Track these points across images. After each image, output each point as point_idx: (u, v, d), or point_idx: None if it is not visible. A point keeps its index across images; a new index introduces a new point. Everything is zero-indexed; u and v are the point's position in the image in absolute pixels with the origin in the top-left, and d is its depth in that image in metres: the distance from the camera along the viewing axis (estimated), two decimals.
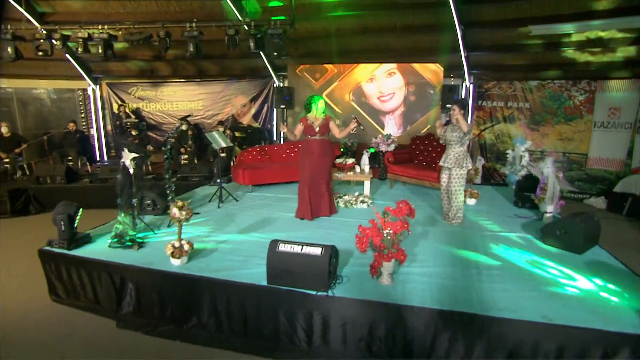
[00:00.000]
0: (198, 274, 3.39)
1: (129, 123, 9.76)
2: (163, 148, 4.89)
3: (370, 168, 7.92)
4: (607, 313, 2.72)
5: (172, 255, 3.49)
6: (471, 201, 5.55)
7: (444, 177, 4.69)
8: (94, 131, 10.53)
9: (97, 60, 9.35)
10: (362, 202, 5.39)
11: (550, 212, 4.67)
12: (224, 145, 5.64)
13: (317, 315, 2.99)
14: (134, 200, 4.32)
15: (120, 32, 6.18)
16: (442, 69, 8.39)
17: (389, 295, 2.98)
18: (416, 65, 8.49)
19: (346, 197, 5.48)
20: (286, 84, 9.45)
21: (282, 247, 3.11)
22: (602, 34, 6.70)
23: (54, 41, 6.27)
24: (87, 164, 8.76)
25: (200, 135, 9.47)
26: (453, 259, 3.67)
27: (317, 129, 4.68)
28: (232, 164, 7.44)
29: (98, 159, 10.43)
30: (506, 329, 2.61)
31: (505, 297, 2.93)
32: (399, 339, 2.83)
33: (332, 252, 3.07)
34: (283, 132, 9.49)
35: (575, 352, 2.49)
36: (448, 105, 8.57)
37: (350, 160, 5.74)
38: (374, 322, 2.88)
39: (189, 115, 5.50)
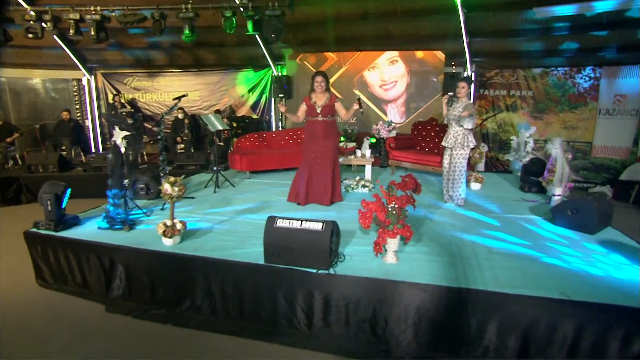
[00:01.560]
0: (191, 253, 3.20)
1: (124, 113, 9.54)
2: (155, 128, 4.68)
3: (371, 155, 7.81)
4: (627, 291, 2.55)
5: (164, 234, 3.30)
6: (476, 186, 5.37)
7: (446, 158, 4.52)
8: (89, 122, 10.32)
9: (92, 48, 9.19)
10: (364, 186, 5.21)
11: (559, 195, 4.49)
12: (220, 127, 5.46)
13: (318, 295, 2.81)
14: (125, 181, 4.13)
15: (113, 14, 5.99)
16: (444, 56, 8.21)
17: (395, 273, 2.81)
18: (418, 53, 8.30)
19: (347, 182, 5.29)
20: (285, 74, 9.26)
21: (281, 223, 2.92)
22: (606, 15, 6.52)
23: (43, 23, 6.06)
24: (82, 154, 8.55)
25: (197, 124, 9.27)
26: (460, 240, 3.49)
27: (320, 109, 4.45)
28: (229, 151, 7.24)
29: (93, 150, 10.22)
30: (521, 306, 2.44)
31: (518, 275, 2.76)
32: (405, 319, 2.64)
33: (333, 228, 2.89)
34: (281, 114, 9.34)
35: (596, 331, 2.31)
36: (450, 93, 8.42)
37: (351, 144, 5.55)
38: (379, 302, 2.70)
39: (184, 95, 5.28)
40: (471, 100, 4.32)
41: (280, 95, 8.85)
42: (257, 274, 2.97)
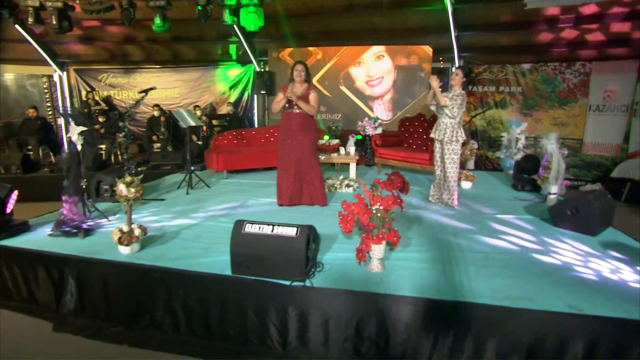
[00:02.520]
0: (151, 263, 2.82)
1: (97, 111, 9.05)
2: (121, 124, 4.27)
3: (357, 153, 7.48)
4: None
5: (120, 241, 2.91)
6: (466, 184, 5.08)
7: (437, 152, 4.21)
8: (61, 121, 9.77)
9: (61, 42, 8.69)
10: (348, 186, 4.87)
11: (555, 193, 4.22)
12: (192, 123, 5.07)
13: (293, 310, 2.45)
14: (82, 181, 3.72)
15: (77, 1, 5.54)
16: (431, 51, 7.93)
17: (380, 284, 2.47)
18: (405, 48, 8.01)
19: (330, 181, 4.95)
20: (267, 70, 8.88)
21: (249, 228, 2.56)
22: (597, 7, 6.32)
23: None
24: (51, 154, 8.03)
25: (175, 122, 8.82)
26: (453, 244, 3.17)
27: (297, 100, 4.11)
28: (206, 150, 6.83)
29: (67, 149, 9.68)
30: (525, 321, 2.12)
31: (519, 284, 2.44)
32: (393, 337, 2.31)
33: (310, 234, 2.54)
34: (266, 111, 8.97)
35: (611, 350, 2.00)
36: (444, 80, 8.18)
37: (335, 141, 5.21)
38: (362, 318, 2.36)
39: (151, 88, 4.88)
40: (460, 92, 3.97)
41: (263, 93, 8.49)
42: (223, 286, 2.61)
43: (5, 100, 9.34)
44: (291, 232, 2.48)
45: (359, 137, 6.95)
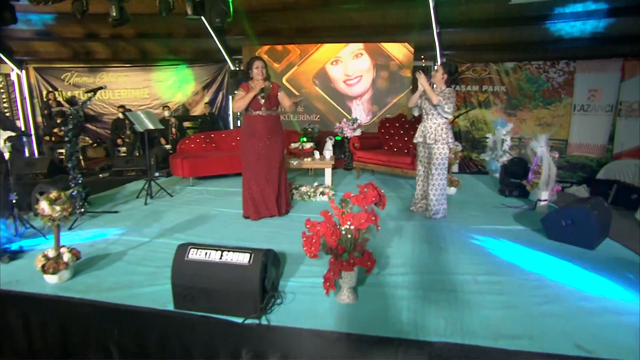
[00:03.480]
0: (81, 295, 2.35)
1: (57, 112, 8.43)
2: (63, 128, 3.78)
3: (335, 158, 7.08)
4: None
5: (44, 269, 2.43)
6: (451, 190, 4.73)
7: (423, 156, 3.82)
8: (20, 123, 9.08)
9: (17, 37, 8.04)
10: (322, 193, 4.47)
11: (545, 200, 3.91)
12: (150, 127, 4.57)
13: (247, 353, 2.02)
14: (12, 195, 3.21)
15: None
16: (412, 49, 7.61)
17: (352, 319, 2.06)
18: (385, 45, 7.66)
19: (303, 189, 4.54)
20: (242, 68, 8.40)
21: (194, 254, 2.12)
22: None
23: None
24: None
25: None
26: (437, 263, 2.79)
27: (263, 100, 3.69)
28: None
29: (27, 154, 9.01)
30: None
31: (515, 317, 2.07)
32: None
33: (266, 260, 2.12)
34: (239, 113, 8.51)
35: None
36: (421, 88, 7.85)
37: (308, 145, 4.79)
38: None
39: (100, 88, 4.39)
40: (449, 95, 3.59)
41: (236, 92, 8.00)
42: (164, 323, 2.16)
43: None
44: (243, 258, 2.05)
45: (338, 138, 6.57)
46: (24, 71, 8.92)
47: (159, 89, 9.12)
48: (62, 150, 7.14)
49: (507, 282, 2.48)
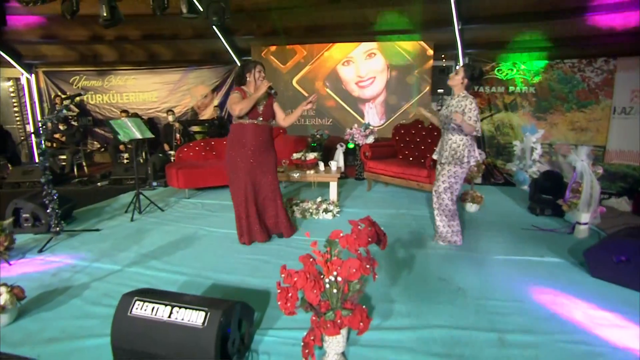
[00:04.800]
0: (10, 349, 1.95)
1: (70, 117, 8.25)
2: (36, 139, 3.41)
3: (346, 166, 6.58)
4: None
5: None
6: (472, 207, 4.17)
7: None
8: (30, 127, 8.97)
9: (25, 41, 7.89)
10: (326, 211, 3.98)
11: (586, 223, 3.30)
12: (138, 136, 4.19)
13: None
14: None
15: None
16: (431, 48, 7.03)
17: None
18: (401, 44, 7.11)
19: (304, 205, 4.06)
20: None
21: (139, 309, 1.68)
22: None
23: None
24: (9, 165, 7.22)
25: (151, 130, 8.02)
26: (453, 312, 2.25)
27: (262, 108, 3.23)
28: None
29: (37, 160, 8.88)
30: None
31: None
32: None
33: (227, 319, 1.65)
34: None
35: None
36: (439, 90, 7.25)
37: (312, 155, 4.31)
38: None
39: (77, 95, 4.07)
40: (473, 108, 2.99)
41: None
42: None
43: None
44: (197, 318, 1.59)
45: (351, 145, 6.05)
46: (33, 75, 8.81)
47: (167, 92, 8.84)
48: (64, 157, 6.91)
49: (543, 344, 1.93)
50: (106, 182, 6.25)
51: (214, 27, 6.97)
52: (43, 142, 3.34)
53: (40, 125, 3.42)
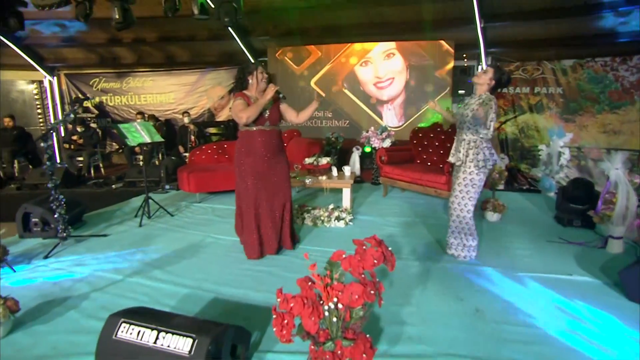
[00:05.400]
0: None
1: (88, 119, 8.37)
2: (43, 144, 3.39)
3: (362, 169, 6.39)
4: None
5: None
6: (493, 217, 3.92)
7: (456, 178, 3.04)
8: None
9: (46, 45, 8.03)
10: (338, 218, 3.81)
11: (620, 237, 3.03)
12: (147, 140, 4.13)
13: None
14: None
15: None
16: (452, 47, 6.77)
17: None
18: (420, 44, 6.88)
19: (316, 212, 3.90)
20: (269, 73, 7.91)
21: (124, 332, 1.56)
22: None
23: None
24: (31, 167, 7.35)
25: (168, 131, 8.05)
26: (469, 338, 2.05)
27: (268, 113, 3.08)
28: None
29: (58, 160, 9.05)
30: None
31: None
32: None
33: (218, 347, 1.51)
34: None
35: None
36: (460, 91, 6.97)
37: (325, 160, 4.15)
38: None
39: (84, 99, 4.02)
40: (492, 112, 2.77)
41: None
42: None
43: None
44: (183, 346, 1.46)
45: (367, 149, 5.85)
46: (55, 78, 8.96)
47: (184, 93, 8.85)
48: (81, 158, 6.98)
49: None
50: (120, 185, 6.26)
51: (229, 28, 6.91)
52: (54, 145, 3.29)
53: (49, 129, 3.39)
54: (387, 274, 2.69)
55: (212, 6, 4.82)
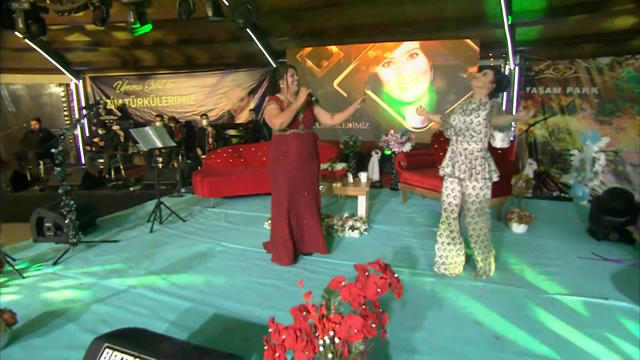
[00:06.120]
0: None
1: (108, 121, 8.52)
2: (53, 150, 3.38)
3: (382, 174, 6.18)
4: None
5: None
6: (519, 228, 3.65)
7: (449, 193, 2.77)
8: (77, 131, 9.37)
9: (70, 48, 8.22)
10: (353, 228, 3.64)
11: None
12: (159, 145, 4.08)
13: None
14: None
15: (48, 2, 4.83)
16: (477, 46, 6.47)
17: None
18: (444, 43, 6.61)
19: (329, 221, 3.74)
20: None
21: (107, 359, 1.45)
22: None
23: None
24: (55, 168, 7.51)
25: (189, 134, 8.08)
26: None
27: (302, 117, 2.98)
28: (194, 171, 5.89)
29: (84, 162, 9.26)
30: None
31: None
32: None
33: None
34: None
35: None
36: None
37: (340, 166, 3.99)
38: None
39: (98, 103, 4.01)
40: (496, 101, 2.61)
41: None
42: None
43: (18, 113, 9.09)
44: None
45: (387, 152, 5.64)
46: (81, 80, 9.17)
47: (204, 95, 8.88)
48: (102, 160, 7.08)
49: None
50: (138, 187, 6.29)
51: (247, 29, 6.85)
52: (79, 146, 3.28)
53: (59, 134, 3.38)
54: (391, 305, 2.51)
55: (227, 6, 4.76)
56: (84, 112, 3.91)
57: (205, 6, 4.57)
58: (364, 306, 1.39)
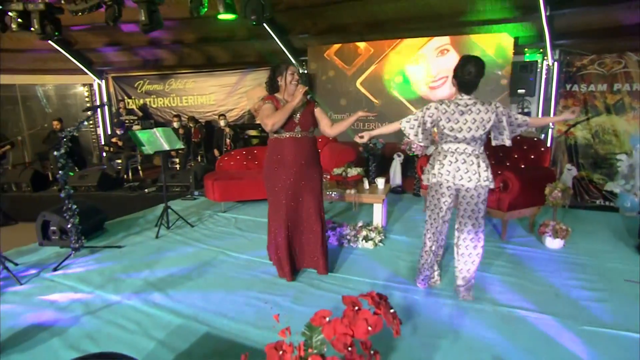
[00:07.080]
0: None
1: (128, 121, 8.55)
2: (56, 153, 3.29)
3: (405, 178, 5.84)
4: None
5: None
6: (554, 243, 3.25)
7: (445, 202, 2.47)
8: (100, 130, 9.50)
9: (92, 49, 8.30)
10: (367, 239, 3.35)
11: None
12: (166, 147, 3.92)
13: None
14: None
15: (63, 2, 4.79)
16: (511, 40, 6.01)
17: None
18: (476, 38, 6.18)
19: (342, 230, 3.47)
20: (305, 71, 7.57)
21: None
22: None
23: None
24: (77, 168, 7.60)
25: (207, 133, 7.99)
26: None
27: (298, 118, 2.72)
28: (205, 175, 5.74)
29: (104, 162, 9.37)
30: None
31: None
32: None
33: None
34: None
35: None
36: (520, 90, 6.18)
37: (355, 171, 3.70)
38: None
39: (102, 104, 3.90)
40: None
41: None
42: None
43: (41, 113, 9.30)
44: None
45: (414, 155, 5.26)
46: (104, 81, 9.26)
47: (224, 95, 8.78)
48: (120, 160, 7.08)
49: None
50: (153, 189, 6.21)
51: (265, 26, 6.67)
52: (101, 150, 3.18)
53: (61, 137, 3.29)
54: (413, 311, 2.22)
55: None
56: (108, 108, 3.75)
57: (217, 3, 4.38)
58: (350, 348, 1.12)
